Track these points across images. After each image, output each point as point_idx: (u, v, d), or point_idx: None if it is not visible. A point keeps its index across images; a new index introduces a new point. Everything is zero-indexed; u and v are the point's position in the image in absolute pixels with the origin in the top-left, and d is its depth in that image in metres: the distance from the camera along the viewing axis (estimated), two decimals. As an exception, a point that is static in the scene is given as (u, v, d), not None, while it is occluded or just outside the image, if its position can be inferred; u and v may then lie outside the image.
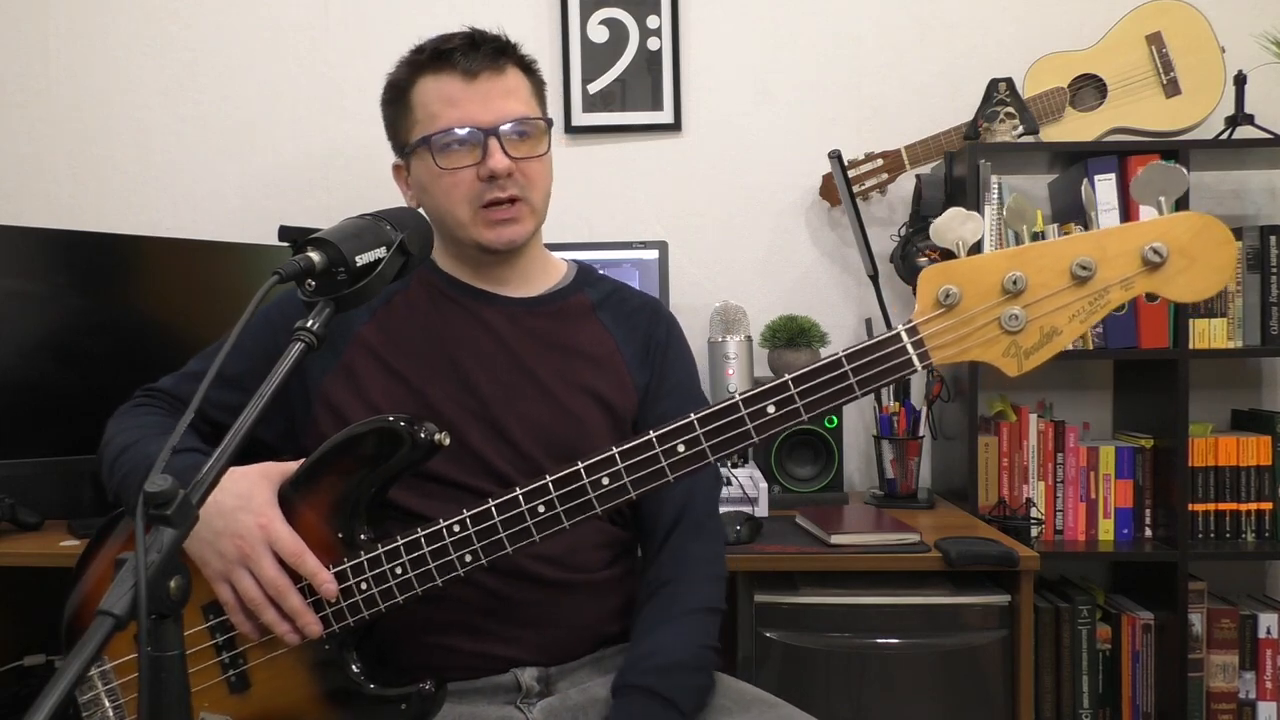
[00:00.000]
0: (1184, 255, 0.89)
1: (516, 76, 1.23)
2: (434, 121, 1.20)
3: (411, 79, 1.23)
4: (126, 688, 1.10)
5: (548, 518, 1.02)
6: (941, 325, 0.94)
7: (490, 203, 1.20)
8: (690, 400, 1.30)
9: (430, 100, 1.21)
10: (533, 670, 1.17)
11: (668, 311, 1.37)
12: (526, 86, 1.25)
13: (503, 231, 1.22)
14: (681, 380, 1.32)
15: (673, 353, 1.33)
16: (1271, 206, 2.30)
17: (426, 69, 1.21)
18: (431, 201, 1.24)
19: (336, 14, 2.34)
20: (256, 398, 0.86)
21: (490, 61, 1.20)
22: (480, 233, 1.22)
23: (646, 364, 1.30)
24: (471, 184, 1.20)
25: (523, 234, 1.23)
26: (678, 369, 1.32)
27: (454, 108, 1.19)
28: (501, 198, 1.20)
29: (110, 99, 2.36)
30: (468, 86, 1.19)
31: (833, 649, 1.61)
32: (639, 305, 1.34)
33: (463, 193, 1.21)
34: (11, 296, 1.82)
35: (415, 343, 1.24)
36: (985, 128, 2.07)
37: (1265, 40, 2.12)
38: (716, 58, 2.32)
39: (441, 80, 1.20)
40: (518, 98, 1.22)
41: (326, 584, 1.03)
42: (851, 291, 2.32)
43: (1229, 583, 2.20)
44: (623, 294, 1.34)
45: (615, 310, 1.32)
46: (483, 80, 1.19)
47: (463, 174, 1.20)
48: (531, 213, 1.24)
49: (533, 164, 1.22)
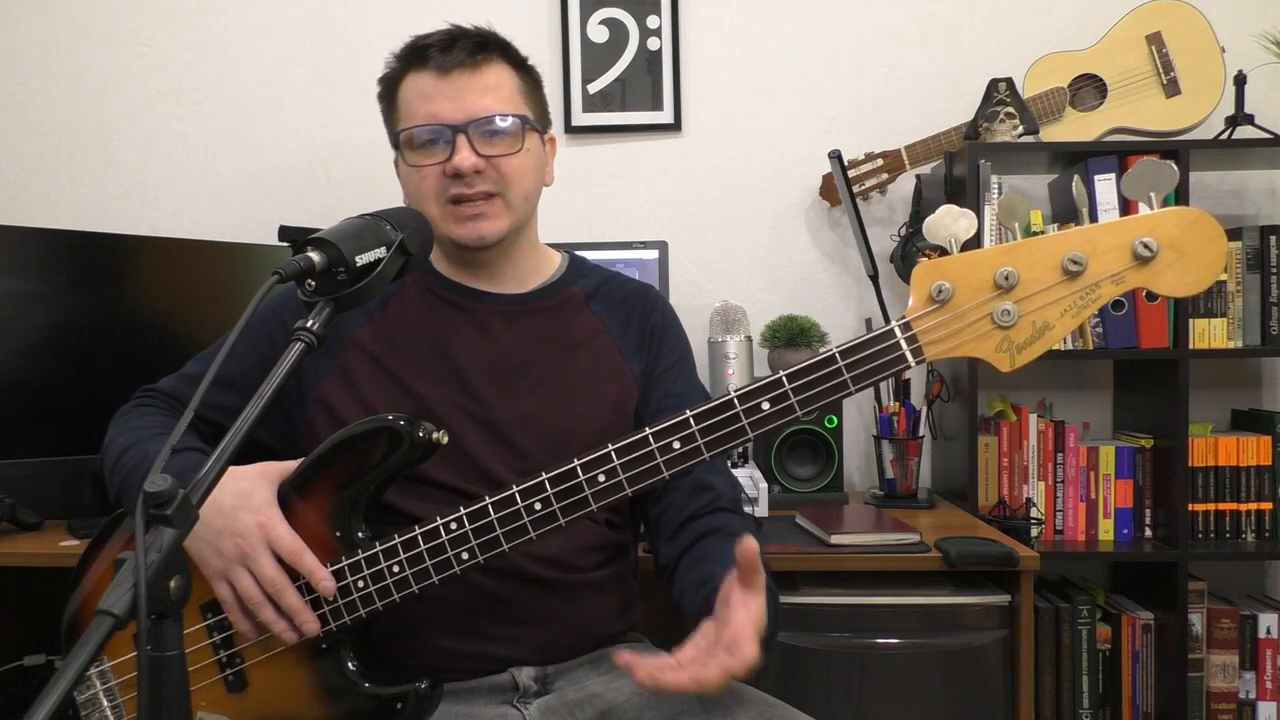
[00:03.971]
0: (1174, 250, 0.90)
1: (499, 73, 1.22)
2: (410, 118, 1.22)
3: (399, 75, 1.24)
4: (124, 687, 1.10)
5: (544, 515, 1.02)
6: (935, 321, 0.94)
7: (456, 199, 1.20)
8: (686, 378, 1.30)
9: (407, 96, 1.22)
10: (530, 670, 1.18)
11: (660, 295, 1.37)
12: (512, 83, 1.24)
13: (471, 227, 1.21)
14: (677, 360, 1.32)
15: (669, 336, 1.33)
16: (1271, 206, 2.30)
17: (410, 65, 1.23)
18: (409, 198, 1.25)
19: (336, 14, 2.34)
20: (256, 398, 0.86)
21: (466, 57, 1.20)
22: (450, 228, 1.22)
23: (642, 351, 1.30)
24: (438, 180, 1.20)
25: (494, 230, 1.22)
26: (673, 352, 1.32)
27: (426, 104, 1.20)
28: (468, 194, 1.20)
29: (110, 99, 2.36)
30: (440, 83, 1.20)
31: (833, 649, 1.60)
32: (631, 293, 1.34)
33: (430, 188, 1.21)
34: (11, 296, 1.82)
35: (411, 345, 1.24)
36: (985, 128, 2.07)
37: (1265, 40, 2.12)
38: (716, 58, 2.32)
39: (420, 77, 1.21)
40: (497, 95, 1.21)
41: (324, 582, 1.03)
42: (851, 291, 2.32)
43: (1229, 583, 2.20)
44: (614, 283, 1.34)
45: (607, 300, 1.32)
46: (456, 77, 1.19)
47: (429, 170, 1.20)
48: (506, 209, 1.23)
49: (508, 161, 1.21)
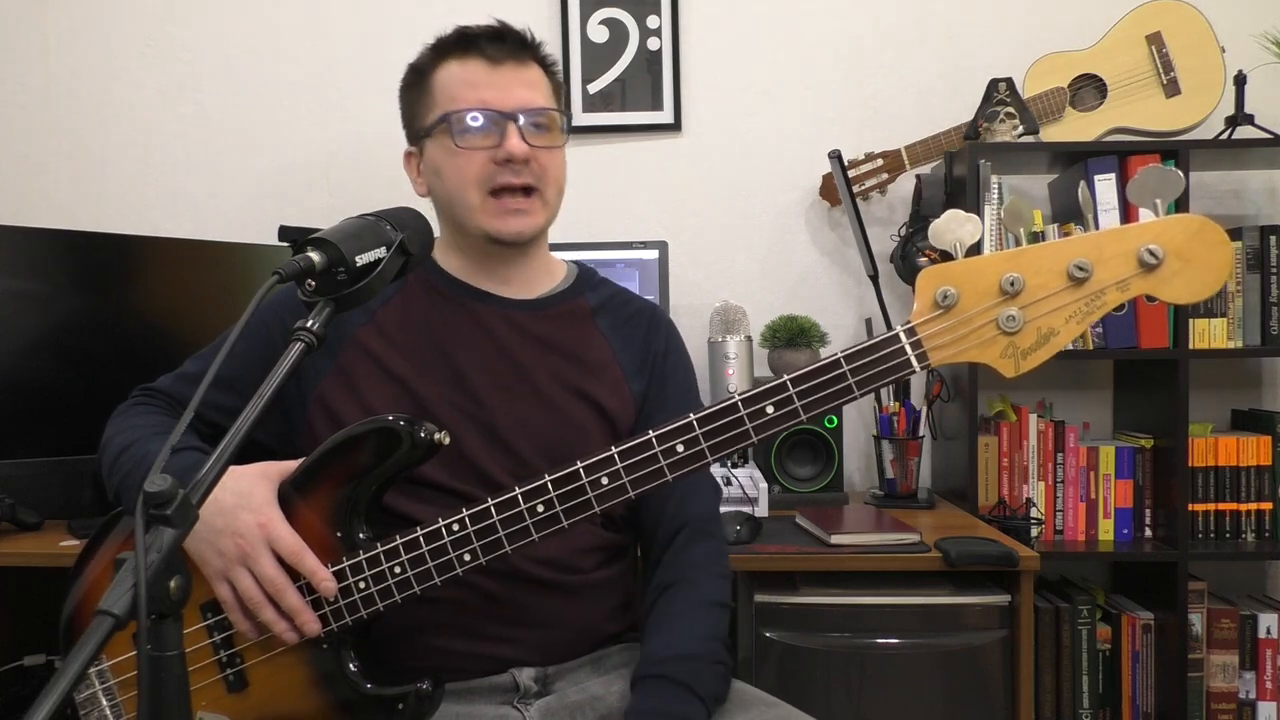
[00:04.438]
0: (1180, 257, 0.89)
1: (539, 72, 1.25)
2: (454, 103, 1.21)
3: (434, 63, 1.24)
4: (124, 687, 1.09)
5: (546, 517, 1.01)
6: (940, 326, 0.94)
7: (502, 188, 1.20)
8: (688, 410, 1.30)
9: (452, 83, 1.22)
10: (530, 670, 1.17)
11: (667, 318, 1.36)
12: (546, 84, 1.26)
13: (511, 222, 1.21)
14: (679, 391, 1.31)
15: (671, 360, 1.32)
16: (1271, 206, 2.30)
17: (450, 53, 1.23)
18: (442, 186, 1.24)
19: (335, 14, 2.34)
20: (257, 397, 0.86)
21: (514, 52, 1.22)
22: (488, 221, 1.21)
23: (643, 372, 1.29)
24: (484, 166, 1.20)
25: (532, 227, 1.23)
26: (676, 378, 1.31)
27: (476, 90, 1.20)
28: (515, 184, 1.20)
29: (110, 99, 2.36)
30: (491, 72, 1.20)
31: (833, 649, 1.60)
32: (637, 311, 1.33)
33: (474, 174, 1.20)
34: (11, 296, 1.81)
35: (412, 344, 1.23)
36: (985, 128, 2.07)
37: (1265, 40, 2.12)
38: (716, 58, 2.32)
39: (466, 64, 1.21)
40: (539, 90, 1.23)
41: (325, 582, 1.03)
42: (851, 291, 2.32)
43: (1229, 583, 2.20)
44: (621, 299, 1.33)
45: (614, 316, 1.31)
46: (506, 68, 1.21)
47: (477, 155, 1.20)
48: (544, 206, 1.24)
49: (549, 155, 1.22)
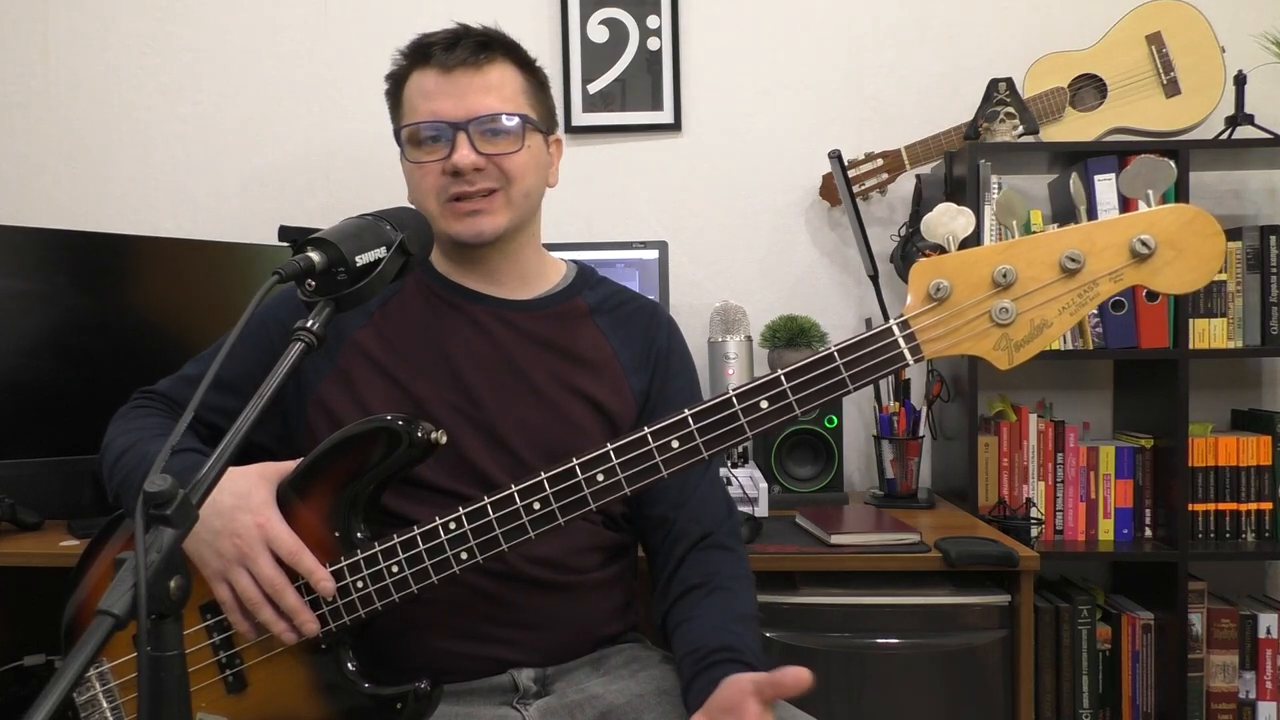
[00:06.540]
0: (1172, 247, 0.89)
1: (502, 72, 1.22)
2: (411, 115, 1.22)
3: (405, 73, 1.25)
4: (124, 688, 1.10)
5: (543, 515, 1.01)
6: (933, 319, 0.94)
7: (456, 196, 1.20)
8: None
9: (411, 94, 1.23)
10: (529, 671, 1.17)
11: (668, 315, 1.36)
12: (515, 83, 1.24)
13: (470, 223, 1.21)
14: (683, 387, 1.31)
15: (675, 358, 1.32)
16: (1271, 206, 2.30)
17: (415, 63, 1.23)
18: (412, 195, 1.26)
19: (335, 14, 2.34)
20: (256, 398, 0.86)
21: (469, 56, 1.20)
22: (449, 225, 1.22)
23: (644, 370, 1.29)
24: (438, 177, 1.20)
25: (492, 226, 1.22)
26: (680, 376, 1.32)
27: (428, 101, 1.20)
28: (469, 191, 1.20)
29: (110, 99, 2.36)
30: (443, 80, 1.20)
31: (833, 649, 1.60)
32: (637, 309, 1.33)
33: (430, 185, 1.21)
34: (11, 296, 1.81)
35: (410, 346, 1.23)
36: (985, 128, 2.06)
37: (1265, 40, 2.12)
38: (716, 58, 2.32)
39: (424, 75, 1.22)
40: (499, 94, 1.21)
41: (323, 582, 1.03)
42: (851, 291, 2.32)
43: (1229, 583, 2.20)
44: (620, 297, 1.33)
45: (613, 315, 1.30)
46: (458, 75, 1.20)
47: (430, 167, 1.21)
48: (506, 204, 1.22)
49: (510, 159, 1.21)
